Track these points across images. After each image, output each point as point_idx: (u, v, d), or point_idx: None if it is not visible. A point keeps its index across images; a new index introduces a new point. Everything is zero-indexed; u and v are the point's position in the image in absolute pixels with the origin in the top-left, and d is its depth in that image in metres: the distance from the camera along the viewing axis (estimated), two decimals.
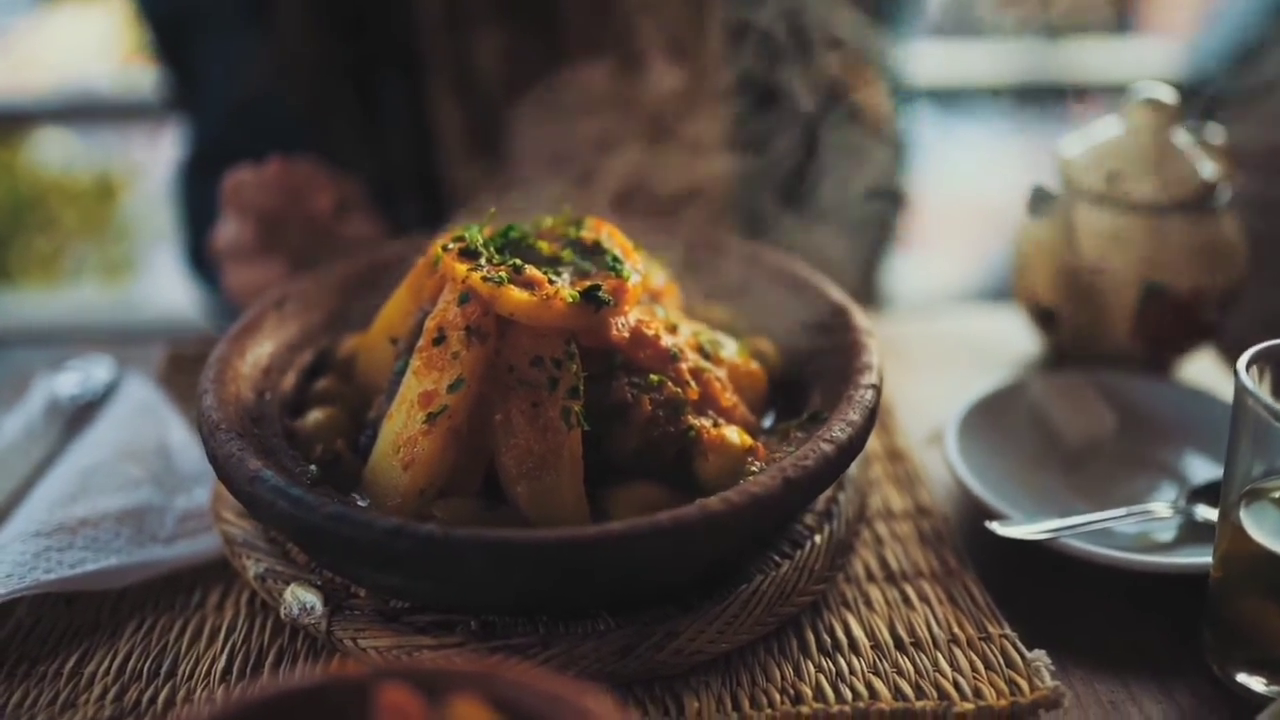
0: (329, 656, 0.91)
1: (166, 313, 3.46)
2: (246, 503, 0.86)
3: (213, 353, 1.02)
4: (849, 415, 0.92)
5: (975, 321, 1.60)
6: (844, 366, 1.01)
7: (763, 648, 0.92)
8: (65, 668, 0.90)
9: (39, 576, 0.94)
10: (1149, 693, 0.90)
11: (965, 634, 0.93)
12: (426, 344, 0.91)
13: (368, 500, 0.91)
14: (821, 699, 0.86)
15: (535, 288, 0.91)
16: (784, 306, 1.14)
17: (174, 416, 1.22)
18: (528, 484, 0.88)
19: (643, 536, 0.79)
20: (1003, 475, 1.11)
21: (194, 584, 1.01)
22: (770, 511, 0.84)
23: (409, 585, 0.86)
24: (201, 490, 1.10)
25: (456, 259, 0.93)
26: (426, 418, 0.89)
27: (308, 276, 1.16)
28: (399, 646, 0.86)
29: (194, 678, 0.89)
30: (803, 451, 0.87)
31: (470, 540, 0.77)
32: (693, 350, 0.99)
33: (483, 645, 0.86)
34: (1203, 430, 1.18)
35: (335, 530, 0.80)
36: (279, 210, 1.29)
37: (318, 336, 1.13)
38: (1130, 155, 1.26)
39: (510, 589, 0.83)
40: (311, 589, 0.91)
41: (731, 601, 0.90)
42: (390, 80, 1.63)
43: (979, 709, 0.84)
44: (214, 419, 0.92)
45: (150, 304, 3.86)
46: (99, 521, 1.02)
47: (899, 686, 0.87)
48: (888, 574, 1.01)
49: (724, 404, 0.98)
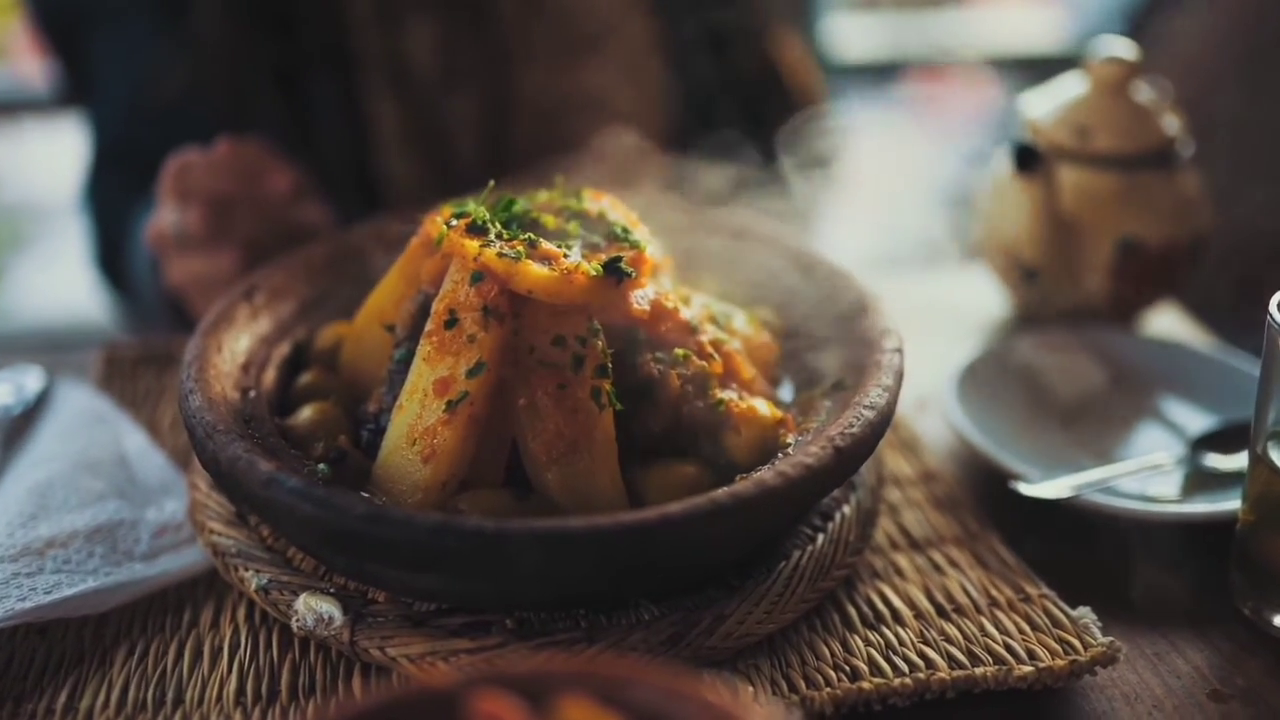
0: (349, 669, 0.84)
1: (46, 320, 3.26)
2: (260, 508, 0.79)
3: (187, 350, 0.93)
4: (882, 380, 0.89)
5: (934, 284, 1.60)
6: (857, 332, 0.99)
7: (805, 625, 0.89)
8: (57, 704, 0.81)
9: (14, 605, 0.85)
10: (1190, 642, 0.90)
11: (1004, 597, 0.92)
12: (437, 328, 0.85)
13: (381, 499, 0.85)
14: (879, 673, 0.83)
15: (552, 262, 0.85)
16: (778, 274, 1.10)
17: (127, 423, 1.12)
18: (560, 470, 0.83)
19: (703, 517, 0.74)
20: (1005, 436, 1.10)
21: (180, 602, 0.92)
22: (825, 482, 0.81)
23: (446, 586, 0.80)
24: (171, 501, 1.01)
25: (464, 235, 0.86)
26: (446, 406, 0.83)
27: (274, 265, 1.08)
28: (432, 652, 0.80)
29: (205, 703, 0.82)
30: (845, 419, 0.84)
31: (524, 533, 0.72)
32: (708, 323, 0.95)
33: (524, 645, 0.80)
34: (1185, 380, 1.19)
35: (370, 532, 0.73)
36: (230, 194, 1.20)
37: (292, 328, 1.05)
38: (1097, 110, 1.27)
39: (561, 582, 0.78)
40: (327, 598, 0.84)
41: (775, 579, 0.86)
42: (320, 76, 1.55)
43: (1039, 671, 0.83)
44: (208, 420, 0.84)
45: (20, 312, 3.63)
46: (68, 541, 0.93)
47: (951, 655, 0.85)
48: (911, 541, 0.99)
49: (745, 376, 0.94)
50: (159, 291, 1.43)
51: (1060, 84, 1.33)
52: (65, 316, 2.90)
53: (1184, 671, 0.88)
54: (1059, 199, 1.25)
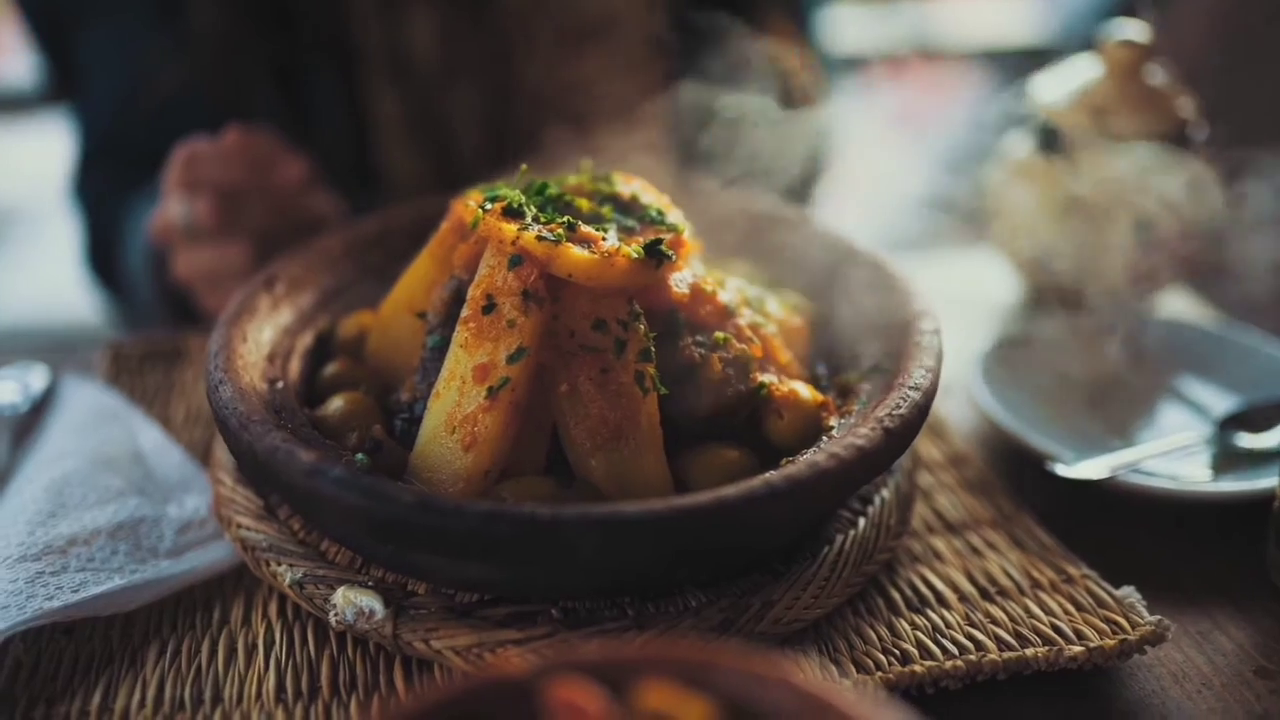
0: (389, 663, 0.82)
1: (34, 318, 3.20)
2: (301, 500, 0.77)
3: (212, 340, 0.91)
4: (924, 361, 0.88)
5: (940, 270, 1.59)
6: (891, 314, 0.98)
7: (849, 610, 0.88)
8: (91, 705, 0.79)
9: (41, 605, 0.82)
10: (1231, 619, 0.90)
11: (1046, 578, 0.91)
12: (474, 313, 0.83)
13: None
14: (929, 656, 0.82)
15: (591, 245, 0.84)
16: (805, 257, 1.09)
17: (140, 419, 1.10)
18: (605, 456, 0.82)
19: (759, 500, 0.73)
20: (1035, 419, 1.09)
21: (209, 599, 0.90)
22: (876, 463, 0.79)
23: (494, 574, 0.78)
24: (192, 497, 0.99)
25: (501, 219, 0.85)
26: (487, 392, 0.81)
27: (292, 254, 1.05)
28: (479, 644, 0.78)
29: (245, 700, 0.79)
30: (892, 401, 0.83)
31: (579, 520, 0.71)
32: (744, 306, 0.94)
33: (573, 634, 0.79)
34: (1202, 359, 1.20)
35: (420, 521, 0.72)
36: (240, 184, 1.17)
37: (314, 317, 1.03)
38: (1112, 93, 1.27)
39: (615, 569, 0.76)
40: (366, 591, 0.82)
41: (820, 564, 0.85)
42: (320, 68, 1.52)
43: (1090, 651, 0.82)
44: (242, 411, 0.81)
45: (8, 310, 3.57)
46: (90, 539, 0.90)
47: (1000, 637, 0.84)
48: (947, 524, 0.98)
49: (782, 360, 0.93)
50: (157, 287, 1.40)
51: (1071, 69, 1.33)
52: (53, 315, 2.84)
53: (1228, 649, 0.87)
54: (1080, 181, 1.25)
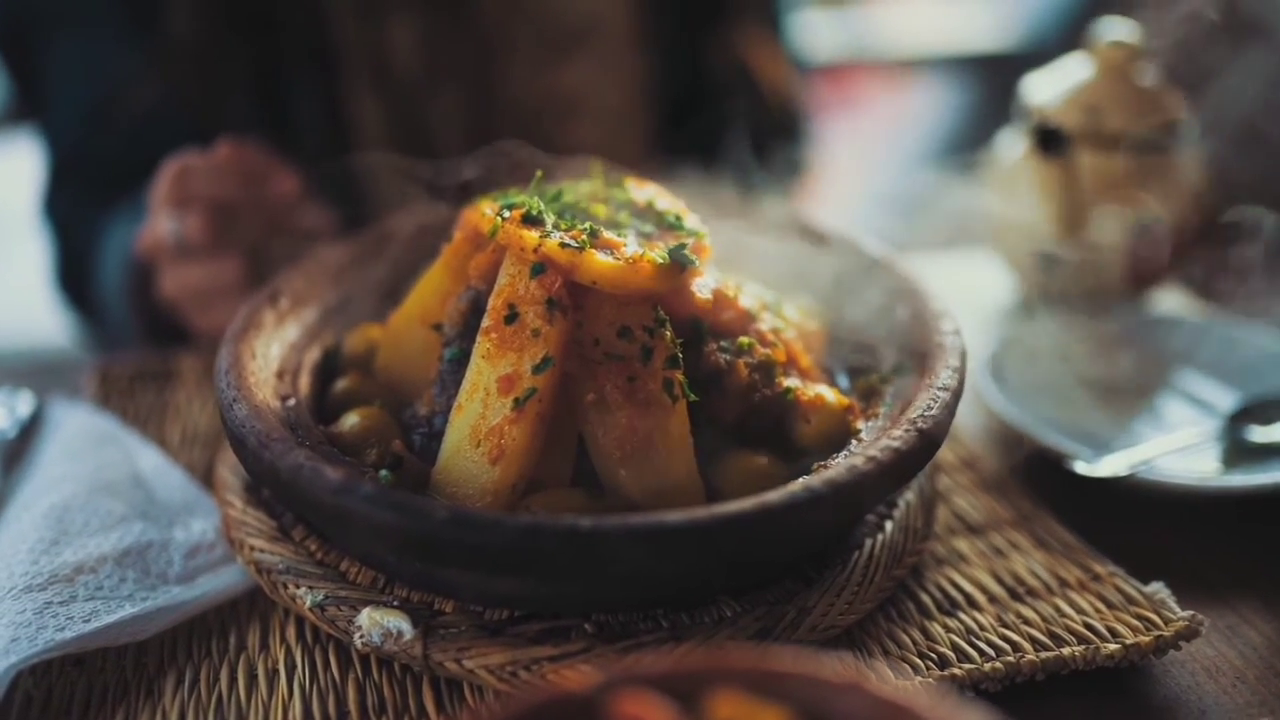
0: (416, 685, 0.80)
1: None
2: (330, 518, 0.74)
3: (220, 358, 0.89)
4: (950, 361, 0.88)
5: (934, 272, 1.59)
6: (908, 316, 0.97)
7: (880, 615, 0.86)
8: None
9: (52, 636, 0.79)
10: (1257, 612, 0.90)
11: (1073, 577, 0.90)
12: (496, 323, 0.82)
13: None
14: (966, 659, 0.81)
15: (614, 252, 0.82)
16: (817, 261, 1.09)
17: (136, 441, 1.06)
18: (635, 466, 0.80)
19: (801, 505, 0.72)
20: (1046, 418, 1.09)
21: (223, 625, 0.87)
22: (913, 465, 0.79)
23: (528, 589, 0.76)
24: (198, 520, 0.96)
25: (520, 226, 0.83)
26: (514, 404, 0.79)
27: (293, 269, 1.03)
28: (513, 662, 0.76)
29: None
30: (922, 402, 0.83)
31: (621, 531, 0.69)
32: (763, 311, 0.93)
33: (609, 648, 0.77)
34: (1203, 354, 1.20)
35: (455, 537, 0.70)
36: (233, 199, 1.14)
37: (319, 332, 1.00)
38: (1105, 93, 1.28)
39: (655, 580, 0.75)
40: (393, 611, 0.79)
41: (852, 569, 0.84)
42: (300, 75, 1.50)
43: (1126, 648, 0.82)
44: (260, 429, 0.79)
45: None
46: (96, 566, 0.87)
47: (1034, 637, 0.84)
48: (968, 526, 0.98)
49: (803, 364, 0.92)
50: (136, 306, 1.36)
51: (1063, 69, 1.34)
52: (27, 338, 2.75)
53: (1258, 642, 0.87)
54: (1080, 180, 1.25)
